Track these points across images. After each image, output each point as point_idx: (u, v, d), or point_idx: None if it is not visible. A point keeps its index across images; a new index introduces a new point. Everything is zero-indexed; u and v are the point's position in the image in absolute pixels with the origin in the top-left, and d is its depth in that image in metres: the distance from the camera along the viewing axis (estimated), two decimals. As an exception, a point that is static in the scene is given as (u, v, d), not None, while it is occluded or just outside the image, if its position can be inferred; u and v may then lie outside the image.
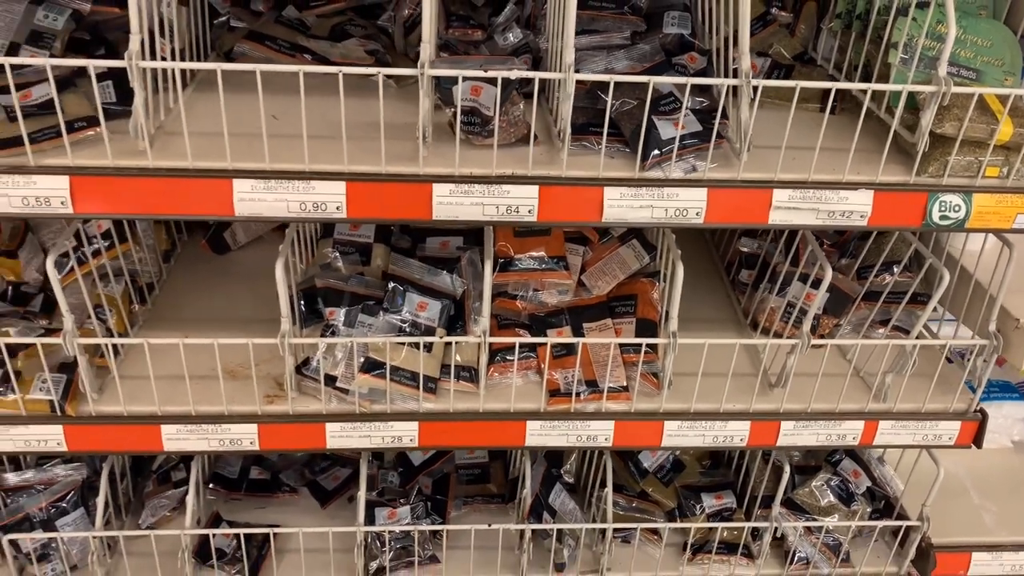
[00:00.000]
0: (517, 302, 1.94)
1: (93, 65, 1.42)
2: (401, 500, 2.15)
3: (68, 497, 1.97)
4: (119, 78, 1.64)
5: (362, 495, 2.00)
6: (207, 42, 1.90)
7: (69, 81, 1.60)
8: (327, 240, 2.00)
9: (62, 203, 1.46)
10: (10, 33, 1.68)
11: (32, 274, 1.89)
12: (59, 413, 1.71)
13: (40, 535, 1.92)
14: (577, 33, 1.52)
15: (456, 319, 1.87)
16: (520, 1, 1.94)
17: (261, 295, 2.12)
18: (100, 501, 1.95)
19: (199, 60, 1.85)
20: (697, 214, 1.56)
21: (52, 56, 1.68)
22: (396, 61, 1.90)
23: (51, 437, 1.73)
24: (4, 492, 1.97)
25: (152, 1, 1.70)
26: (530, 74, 1.47)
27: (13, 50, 1.67)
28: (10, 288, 1.88)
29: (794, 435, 1.89)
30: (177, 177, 1.47)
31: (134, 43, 1.40)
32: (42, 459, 2.05)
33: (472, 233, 2.07)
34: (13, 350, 1.70)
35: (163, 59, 1.72)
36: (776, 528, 2.12)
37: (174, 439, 1.76)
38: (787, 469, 2.04)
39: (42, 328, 1.75)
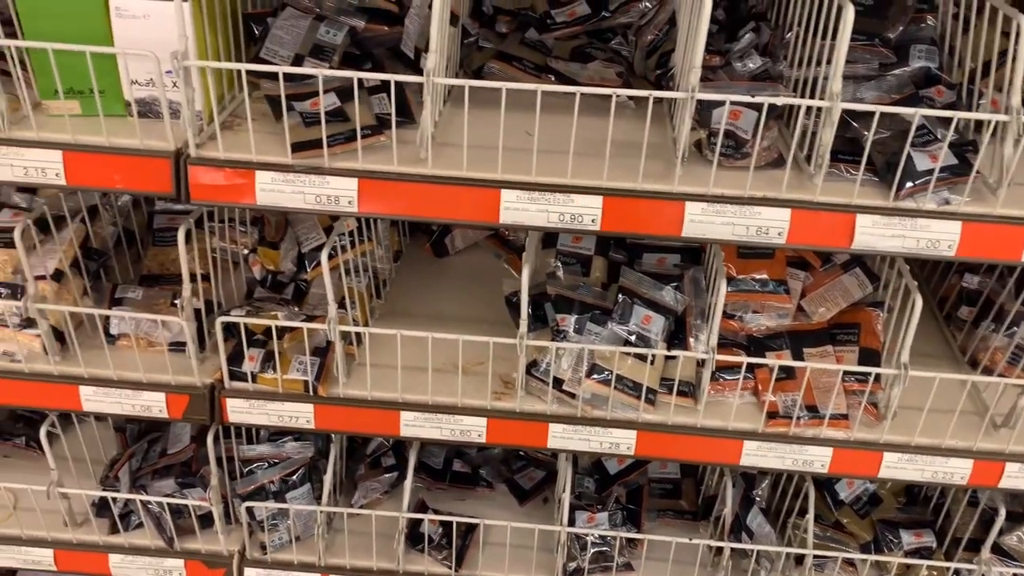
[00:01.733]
0: (734, 322, 1.98)
1: (394, 79, 1.55)
2: (598, 506, 2.22)
3: (297, 472, 2.14)
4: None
5: (566, 496, 2.08)
6: (458, 60, 2.04)
7: (351, 92, 1.75)
8: (550, 251, 2.10)
9: (349, 203, 1.61)
10: (296, 46, 1.86)
11: (287, 265, 2.07)
12: (311, 393, 1.87)
13: (273, 505, 2.09)
14: (828, 63, 1.56)
15: (675, 334, 1.92)
16: (756, 28, 1.99)
17: (478, 297, 2.26)
18: (327, 479, 2.11)
19: (452, 77, 1.99)
20: (949, 247, 1.56)
21: (331, 68, 1.85)
22: (635, 83, 1.98)
23: (302, 414, 1.89)
24: (241, 462, 2.16)
25: (426, 21, 1.86)
26: (798, 101, 1.52)
27: (297, 61, 1.84)
28: (269, 276, 2.06)
29: (1019, 478, 1.84)
30: (451, 185, 1.60)
31: (431, 61, 1.52)
32: (273, 435, 2.23)
33: (687, 251, 2.12)
34: (279, 332, 1.86)
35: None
36: (984, 572, 2.06)
37: (411, 425, 1.89)
38: (1002, 512, 1.99)
39: (303, 315, 1.91)
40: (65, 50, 1.55)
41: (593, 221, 1.60)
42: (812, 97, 1.69)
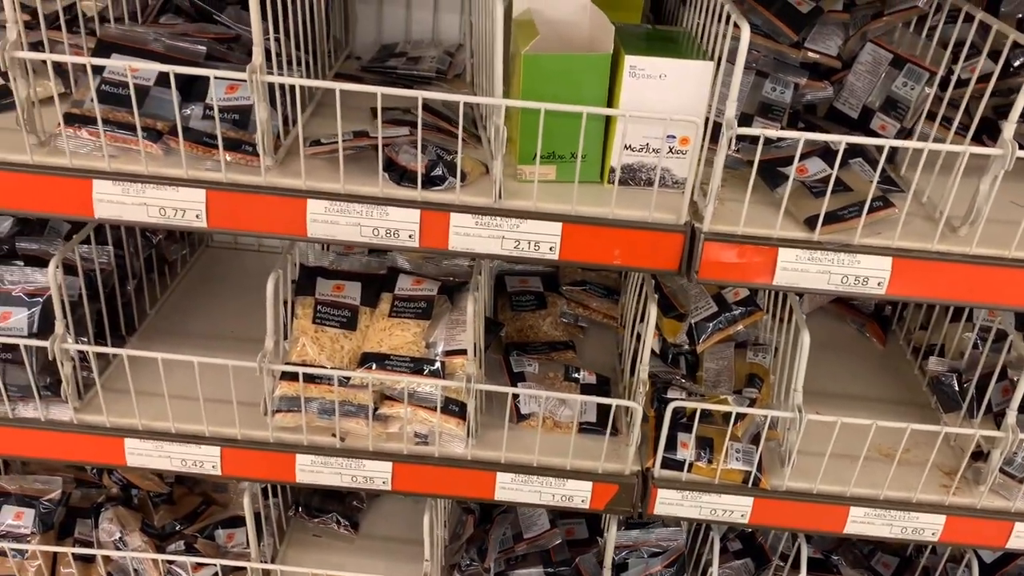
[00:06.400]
0: None
1: (969, 151, 1.39)
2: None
3: (677, 562, 1.96)
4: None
5: (975, 594, 1.90)
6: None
7: (830, 155, 1.59)
8: (965, 324, 1.94)
9: (878, 284, 1.45)
10: (741, 104, 1.71)
11: (682, 336, 1.90)
12: (752, 485, 1.70)
13: (657, 602, 1.91)
14: None
15: None
16: None
17: (840, 369, 2.09)
18: (714, 572, 1.93)
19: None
20: None
21: (782, 128, 1.70)
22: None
23: (738, 508, 1.72)
24: (616, 550, 1.98)
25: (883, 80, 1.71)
26: None
27: (745, 120, 1.69)
28: (669, 349, 1.89)
29: None
30: (995, 266, 1.44)
31: (1007, 130, 1.37)
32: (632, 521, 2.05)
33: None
34: (706, 416, 1.70)
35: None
36: None
37: (859, 522, 1.71)
38: None
39: (746, 397, 1.74)
40: (565, 112, 1.40)
41: None
42: None
